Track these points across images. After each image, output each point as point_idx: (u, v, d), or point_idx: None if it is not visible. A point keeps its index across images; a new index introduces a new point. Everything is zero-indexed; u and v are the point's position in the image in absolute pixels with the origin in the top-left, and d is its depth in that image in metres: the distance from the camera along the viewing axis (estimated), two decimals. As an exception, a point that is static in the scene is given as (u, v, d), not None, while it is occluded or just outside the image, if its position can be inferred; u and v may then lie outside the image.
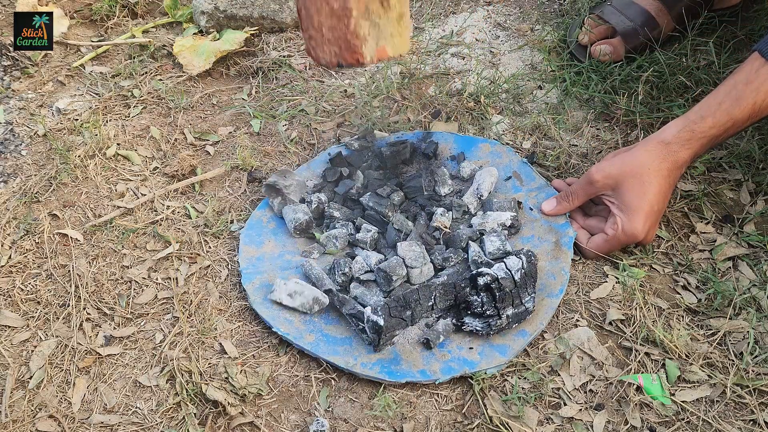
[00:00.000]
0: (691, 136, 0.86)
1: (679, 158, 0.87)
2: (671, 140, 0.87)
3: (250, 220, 0.98)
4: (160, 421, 0.79)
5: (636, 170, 0.87)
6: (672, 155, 0.87)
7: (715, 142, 0.87)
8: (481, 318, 0.83)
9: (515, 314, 0.83)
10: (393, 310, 0.80)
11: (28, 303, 0.91)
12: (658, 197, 0.87)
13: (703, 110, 0.86)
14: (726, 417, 0.76)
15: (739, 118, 0.84)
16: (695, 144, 0.86)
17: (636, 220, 0.87)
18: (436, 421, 0.78)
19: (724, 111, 0.84)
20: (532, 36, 1.29)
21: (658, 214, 0.89)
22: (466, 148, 1.05)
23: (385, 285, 0.87)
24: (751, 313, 0.84)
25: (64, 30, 1.34)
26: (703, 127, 0.85)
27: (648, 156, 0.87)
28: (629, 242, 0.89)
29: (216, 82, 1.25)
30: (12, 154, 1.12)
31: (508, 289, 0.82)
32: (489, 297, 0.82)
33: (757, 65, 0.82)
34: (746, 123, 0.85)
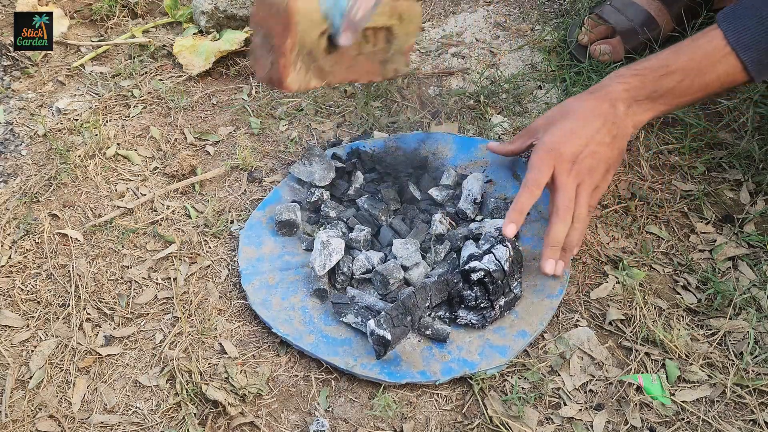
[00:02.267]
0: (624, 72, 0.87)
1: (610, 90, 0.86)
2: (603, 80, 0.88)
3: (250, 221, 0.98)
4: (160, 421, 0.79)
5: (564, 106, 0.88)
6: (601, 88, 0.87)
7: (654, 86, 0.85)
8: (475, 311, 0.83)
9: (507, 302, 0.84)
10: (395, 319, 0.79)
11: (28, 303, 0.91)
12: (578, 116, 0.86)
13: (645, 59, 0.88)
14: (726, 417, 0.76)
15: (675, 67, 0.84)
16: (628, 78, 0.86)
17: (549, 133, 0.86)
18: (436, 421, 0.78)
19: (658, 56, 0.86)
20: (532, 36, 1.29)
21: (576, 131, 0.85)
22: (466, 148, 1.05)
23: (382, 288, 0.87)
24: (751, 313, 0.84)
25: (64, 30, 1.34)
26: (636, 67, 0.86)
27: (578, 96, 0.90)
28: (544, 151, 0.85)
29: (216, 82, 1.25)
30: (12, 154, 1.12)
31: (499, 280, 0.82)
32: (482, 290, 0.83)
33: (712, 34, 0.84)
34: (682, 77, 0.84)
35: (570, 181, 0.84)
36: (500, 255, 0.83)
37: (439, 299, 0.84)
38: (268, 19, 0.86)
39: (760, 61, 0.81)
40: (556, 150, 0.84)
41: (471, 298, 0.83)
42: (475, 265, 0.83)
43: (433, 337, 0.83)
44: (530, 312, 0.85)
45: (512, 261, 0.84)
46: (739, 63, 0.81)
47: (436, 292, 0.83)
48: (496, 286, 0.82)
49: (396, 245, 0.89)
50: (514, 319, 0.85)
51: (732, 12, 0.82)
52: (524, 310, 0.85)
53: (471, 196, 0.95)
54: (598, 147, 0.84)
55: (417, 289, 0.82)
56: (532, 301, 0.86)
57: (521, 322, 0.84)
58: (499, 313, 0.84)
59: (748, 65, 0.81)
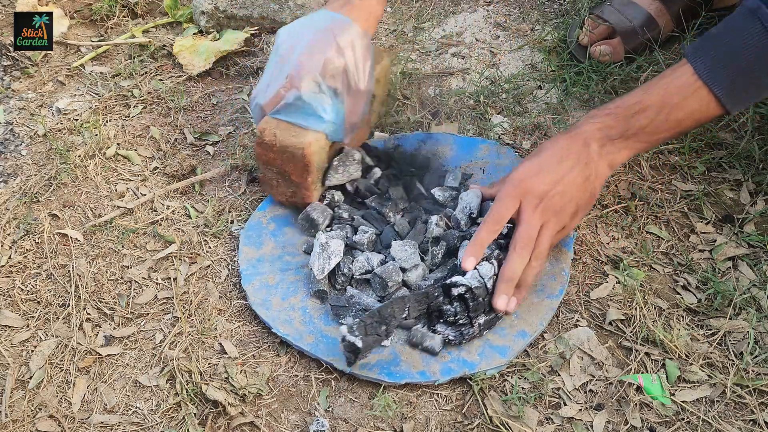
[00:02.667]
0: (594, 114, 0.85)
1: (583, 129, 0.84)
2: (577, 123, 0.87)
3: (250, 221, 0.98)
4: (160, 421, 0.79)
5: (539, 147, 0.87)
6: (573, 129, 0.85)
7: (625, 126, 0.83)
8: (454, 326, 0.82)
9: (487, 321, 0.82)
10: (369, 327, 0.77)
11: (28, 303, 0.91)
12: (546, 155, 0.84)
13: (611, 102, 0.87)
14: (726, 417, 0.76)
15: (647, 104, 0.82)
16: (600, 117, 0.84)
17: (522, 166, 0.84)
18: (436, 421, 0.78)
19: (630, 95, 0.84)
20: (532, 36, 1.29)
21: (545, 167, 0.83)
22: (467, 149, 1.05)
23: (381, 290, 0.87)
24: (751, 313, 0.84)
25: (64, 30, 1.34)
26: (609, 106, 0.85)
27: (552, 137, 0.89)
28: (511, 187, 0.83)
29: (216, 82, 1.25)
30: (12, 154, 1.12)
31: (481, 297, 0.81)
32: (462, 306, 0.81)
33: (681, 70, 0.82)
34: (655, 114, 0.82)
35: (535, 218, 0.82)
36: (484, 272, 0.82)
37: (418, 312, 0.82)
38: (281, 162, 0.92)
39: (732, 92, 0.80)
40: (524, 185, 0.83)
41: (450, 314, 0.81)
42: (457, 280, 0.81)
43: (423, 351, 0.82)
44: (530, 312, 0.85)
45: (497, 280, 0.82)
46: (712, 96, 0.80)
47: (415, 304, 0.81)
48: (476, 303, 0.81)
49: (395, 247, 0.89)
50: (514, 319, 0.85)
51: (700, 45, 0.81)
52: (524, 310, 0.85)
53: (468, 209, 0.92)
54: (568, 187, 0.82)
55: (395, 299, 0.81)
56: (532, 301, 0.86)
57: (521, 323, 0.84)
58: (478, 332, 0.82)
59: (721, 98, 0.80)
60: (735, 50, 0.79)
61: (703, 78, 0.80)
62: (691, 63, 0.81)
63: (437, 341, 0.81)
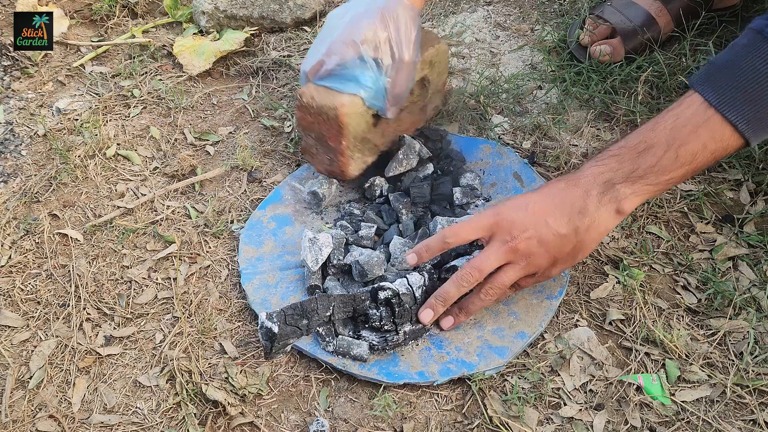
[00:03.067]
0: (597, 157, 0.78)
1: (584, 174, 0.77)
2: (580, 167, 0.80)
3: (250, 220, 0.98)
4: (160, 421, 0.79)
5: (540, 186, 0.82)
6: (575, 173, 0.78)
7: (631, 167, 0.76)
8: (379, 332, 0.82)
9: (413, 331, 0.82)
10: (289, 318, 0.77)
11: (28, 303, 0.91)
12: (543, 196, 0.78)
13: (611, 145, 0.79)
14: (726, 417, 0.76)
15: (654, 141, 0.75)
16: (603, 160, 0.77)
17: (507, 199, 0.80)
18: (436, 421, 0.78)
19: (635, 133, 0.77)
20: (532, 36, 1.29)
21: (534, 215, 0.77)
22: (467, 149, 1.05)
23: (359, 277, 0.87)
24: (751, 313, 0.84)
25: (64, 30, 1.34)
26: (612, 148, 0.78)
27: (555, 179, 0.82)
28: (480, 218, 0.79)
29: (216, 82, 1.25)
30: (12, 154, 1.12)
31: (407, 305, 0.81)
32: (388, 311, 0.81)
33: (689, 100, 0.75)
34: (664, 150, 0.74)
35: (497, 254, 0.78)
36: (413, 281, 0.82)
37: (344, 313, 0.82)
38: (318, 125, 0.93)
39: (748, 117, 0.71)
40: (500, 219, 0.78)
41: (376, 318, 0.81)
42: (385, 284, 0.81)
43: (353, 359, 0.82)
44: (529, 313, 0.85)
45: (425, 291, 0.82)
46: (726, 124, 0.72)
47: (341, 304, 0.81)
48: (402, 309, 0.81)
49: (395, 243, 0.89)
50: (513, 320, 0.85)
51: (706, 72, 0.75)
52: (523, 311, 0.85)
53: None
54: (547, 236, 0.76)
55: (320, 296, 0.81)
56: (531, 302, 0.86)
57: (520, 323, 0.84)
58: (403, 340, 0.82)
59: (737, 125, 0.72)
60: (746, 73, 0.72)
61: (715, 105, 0.72)
62: (700, 92, 0.74)
63: (364, 348, 0.81)
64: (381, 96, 0.92)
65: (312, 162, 1.00)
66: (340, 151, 0.93)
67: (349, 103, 0.90)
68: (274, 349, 0.77)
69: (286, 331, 0.77)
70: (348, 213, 0.97)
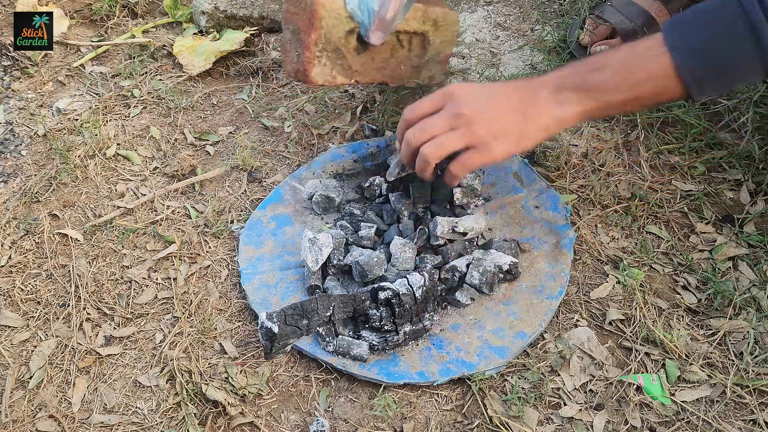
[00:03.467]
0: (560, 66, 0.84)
1: (542, 77, 0.83)
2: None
3: (250, 220, 0.98)
4: (160, 421, 0.79)
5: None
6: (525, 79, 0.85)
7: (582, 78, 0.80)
8: (379, 332, 0.82)
9: (413, 331, 0.82)
10: (289, 318, 0.77)
11: (28, 303, 0.91)
12: (498, 86, 0.84)
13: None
14: (726, 417, 0.76)
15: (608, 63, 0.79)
16: (562, 69, 0.82)
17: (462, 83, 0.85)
18: (436, 421, 0.78)
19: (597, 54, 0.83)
20: (532, 36, 1.29)
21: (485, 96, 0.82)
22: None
23: (359, 277, 0.87)
24: (751, 313, 0.84)
25: (64, 30, 1.34)
26: (574, 62, 0.83)
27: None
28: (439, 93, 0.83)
29: (216, 82, 1.25)
30: (12, 154, 1.12)
31: (408, 305, 0.81)
32: (388, 312, 0.81)
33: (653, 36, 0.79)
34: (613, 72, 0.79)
35: (441, 118, 0.82)
36: (413, 281, 0.82)
37: (344, 314, 0.82)
38: (297, 15, 0.92)
39: (691, 66, 0.75)
40: (453, 90, 0.83)
41: (376, 318, 0.81)
42: (385, 284, 0.82)
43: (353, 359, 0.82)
44: (529, 313, 0.85)
45: (426, 291, 0.82)
46: (671, 63, 0.75)
47: (341, 305, 0.81)
48: (403, 309, 0.81)
49: (395, 243, 0.89)
50: (513, 320, 0.85)
51: (679, 17, 0.78)
52: (524, 311, 0.85)
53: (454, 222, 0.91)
54: (492, 107, 0.81)
55: (320, 296, 0.81)
56: (531, 302, 0.86)
57: (520, 323, 0.84)
58: (403, 340, 0.82)
59: (679, 67, 0.75)
60: (705, 28, 0.75)
61: (668, 45, 0.76)
62: (663, 31, 0.77)
63: (364, 348, 0.81)
64: (367, 13, 0.92)
65: (283, 62, 0.98)
66: (307, 44, 0.92)
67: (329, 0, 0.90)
68: (274, 349, 0.77)
69: (286, 331, 0.77)
70: (348, 213, 0.97)
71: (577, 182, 1.01)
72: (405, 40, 1.01)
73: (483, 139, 0.81)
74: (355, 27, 0.93)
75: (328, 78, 0.96)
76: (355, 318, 0.84)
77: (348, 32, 0.93)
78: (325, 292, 0.87)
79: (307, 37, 0.92)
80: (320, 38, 0.92)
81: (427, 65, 1.04)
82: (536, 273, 0.89)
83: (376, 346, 0.82)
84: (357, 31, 0.94)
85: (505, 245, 0.90)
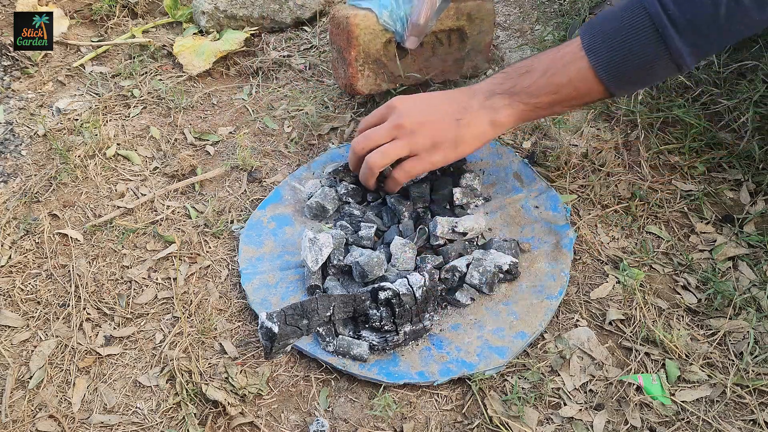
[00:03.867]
0: (491, 74, 0.90)
1: (475, 85, 0.88)
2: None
3: (250, 220, 0.98)
4: (160, 421, 0.79)
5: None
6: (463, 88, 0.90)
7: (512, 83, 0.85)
8: (379, 332, 0.82)
9: (413, 331, 0.82)
10: (289, 318, 0.77)
11: (28, 303, 0.91)
12: (435, 96, 0.89)
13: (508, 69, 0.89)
14: (726, 417, 0.76)
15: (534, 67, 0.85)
16: (493, 76, 0.88)
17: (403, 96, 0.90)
18: (436, 421, 0.78)
19: (525, 59, 0.87)
20: (532, 36, 1.29)
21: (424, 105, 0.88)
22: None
23: (359, 278, 0.87)
24: (751, 313, 0.84)
25: (64, 30, 1.34)
26: (505, 68, 0.88)
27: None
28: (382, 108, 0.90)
29: (216, 82, 1.25)
30: (12, 154, 1.12)
31: (408, 305, 0.81)
32: (388, 312, 0.81)
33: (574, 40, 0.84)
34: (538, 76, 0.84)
35: (384, 129, 0.87)
36: (413, 281, 0.82)
37: (344, 314, 0.82)
38: (338, 35, 1.03)
39: (609, 68, 0.79)
40: (396, 101, 0.89)
41: (376, 318, 0.81)
42: (386, 284, 0.81)
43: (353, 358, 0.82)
44: (529, 313, 0.85)
45: (426, 291, 0.82)
46: (590, 68, 0.80)
47: (341, 305, 0.81)
48: (403, 309, 0.81)
49: (395, 243, 0.89)
50: (513, 320, 0.85)
51: (593, 20, 0.83)
52: (524, 311, 0.85)
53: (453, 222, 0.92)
54: (430, 117, 0.86)
55: (320, 296, 0.81)
56: (531, 302, 0.86)
57: (520, 323, 0.84)
58: (403, 340, 0.82)
59: (597, 70, 0.80)
60: (616, 29, 0.79)
61: (586, 48, 0.81)
62: (581, 35, 0.82)
63: (364, 348, 0.81)
64: (400, 22, 1.00)
65: (335, 77, 1.10)
66: (350, 62, 1.02)
67: (362, 16, 1.00)
68: (274, 349, 0.77)
69: (286, 331, 0.77)
70: (348, 213, 0.97)
71: (577, 182, 1.01)
72: (443, 37, 1.08)
73: (423, 148, 0.87)
74: (391, 37, 1.03)
75: (373, 87, 1.06)
76: (356, 318, 0.84)
77: (385, 43, 1.03)
78: (325, 292, 0.87)
79: (348, 55, 1.02)
80: (359, 54, 1.02)
81: (468, 57, 1.12)
82: (536, 273, 0.89)
83: (376, 346, 0.82)
84: (394, 39, 1.03)
85: (505, 245, 0.90)
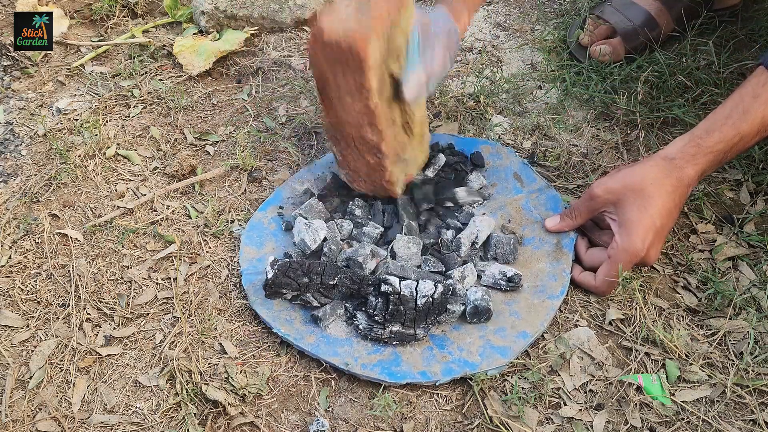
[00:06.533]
0: (696, 151, 0.83)
1: (684, 175, 0.83)
2: (676, 155, 0.83)
3: (252, 221, 0.98)
4: (160, 421, 0.79)
5: (638, 185, 0.83)
6: (676, 171, 0.83)
7: (722, 158, 0.83)
8: (369, 320, 0.82)
9: (400, 333, 0.81)
10: (290, 270, 0.80)
11: (28, 303, 0.91)
12: (661, 212, 0.82)
13: (709, 125, 0.83)
14: (726, 417, 0.76)
15: (747, 133, 0.81)
16: (701, 160, 0.83)
17: (635, 235, 0.82)
18: (436, 421, 0.78)
19: (731, 125, 0.81)
20: (532, 36, 1.29)
21: (661, 231, 0.83)
22: (467, 150, 1.05)
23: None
24: (751, 313, 0.84)
25: (64, 30, 1.34)
26: (709, 142, 0.82)
27: (651, 171, 0.83)
28: (630, 260, 0.83)
29: (216, 82, 1.25)
30: (12, 154, 1.12)
31: (404, 308, 0.80)
32: (384, 305, 0.81)
33: (763, 79, 0.80)
34: (754, 138, 0.82)
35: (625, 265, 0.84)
36: (422, 288, 0.81)
37: (349, 289, 0.83)
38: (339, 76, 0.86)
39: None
40: (636, 255, 0.83)
41: (371, 305, 0.82)
42: (390, 278, 0.81)
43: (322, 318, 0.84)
44: (531, 313, 0.85)
45: (431, 302, 0.80)
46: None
47: (347, 281, 0.83)
48: (396, 309, 0.80)
49: (399, 241, 0.89)
50: (515, 319, 0.85)
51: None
52: (525, 311, 0.85)
53: (474, 235, 0.91)
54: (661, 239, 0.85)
55: (330, 263, 0.84)
56: (533, 302, 0.86)
57: (522, 323, 0.84)
58: (387, 337, 0.81)
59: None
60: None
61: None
62: (764, 63, 0.79)
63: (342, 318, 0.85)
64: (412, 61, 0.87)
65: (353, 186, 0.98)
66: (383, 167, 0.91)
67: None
68: (267, 291, 0.84)
69: (280, 280, 0.80)
70: (349, 213, 0.97)
71: (577, 182, 1.01)
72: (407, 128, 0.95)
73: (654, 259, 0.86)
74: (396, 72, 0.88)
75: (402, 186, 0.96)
76: (358, 297, 0.84)
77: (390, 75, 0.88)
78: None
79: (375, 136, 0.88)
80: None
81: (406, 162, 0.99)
82: (537, 273, 0.89)
83: (361, 330, 0.82)
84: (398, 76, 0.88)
85: (504, 239, 0.90)
